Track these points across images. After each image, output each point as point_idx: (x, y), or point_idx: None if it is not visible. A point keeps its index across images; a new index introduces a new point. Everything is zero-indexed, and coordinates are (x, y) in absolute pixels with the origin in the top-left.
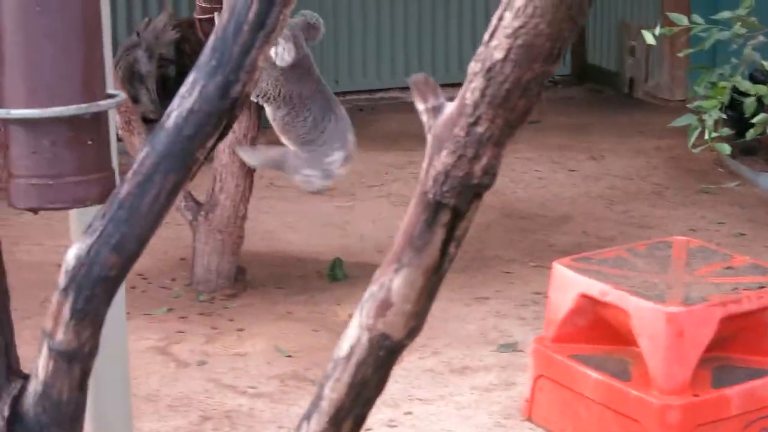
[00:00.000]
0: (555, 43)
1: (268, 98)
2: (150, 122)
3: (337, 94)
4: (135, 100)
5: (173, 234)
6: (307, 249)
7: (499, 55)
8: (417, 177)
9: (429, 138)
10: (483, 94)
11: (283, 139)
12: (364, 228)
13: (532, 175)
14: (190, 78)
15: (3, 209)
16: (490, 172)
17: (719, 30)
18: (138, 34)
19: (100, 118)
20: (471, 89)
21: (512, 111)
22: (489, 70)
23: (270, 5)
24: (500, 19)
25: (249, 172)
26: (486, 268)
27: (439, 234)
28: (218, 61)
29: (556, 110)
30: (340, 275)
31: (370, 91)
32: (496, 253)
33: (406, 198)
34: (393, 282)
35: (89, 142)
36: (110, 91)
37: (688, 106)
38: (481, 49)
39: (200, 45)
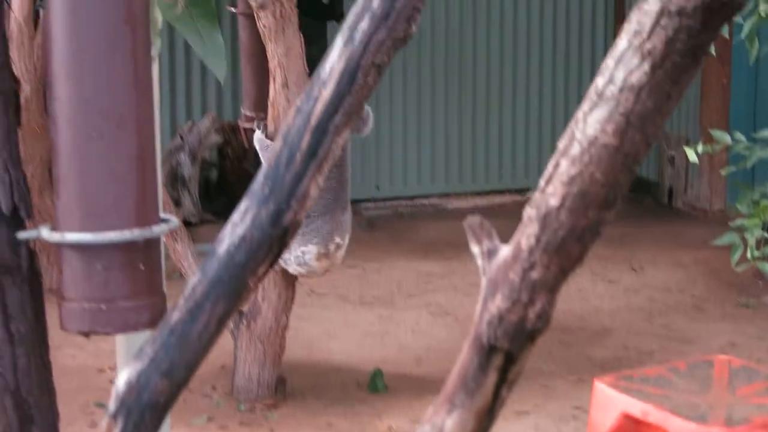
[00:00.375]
0: (610, 190)
1: None
2: (191, 226)
3: (377, 200)
4: (177, 203)
5: None
6: (347, 359)
7: (554, 202)
8: (456, 287)
9: (483, 281)
10: (538, 240)
11: None
12: (404, 338)
13: (572, 287)
14: (242, 206)
15: (51, 313)
16: (544, 317)
17: (761, 148)
18: (181, 138)
19: (153, 242)
20: (526, 235)
21: (567, 257)
22: (544, 216)
23: (323, 134)
24: (556, 166)
25: (291, 282)
26: (525, 381)
27: (492, 377)
28: (271, 189)
29: None
30: (380, 387)
31: (411, 198)
32: (536, 366)
33: (445, 308)
34: (445, 423)
35: (141, 267)
36: (163, 215)
37: (729, 224)
38: (536, 195)
39: (243, 150)
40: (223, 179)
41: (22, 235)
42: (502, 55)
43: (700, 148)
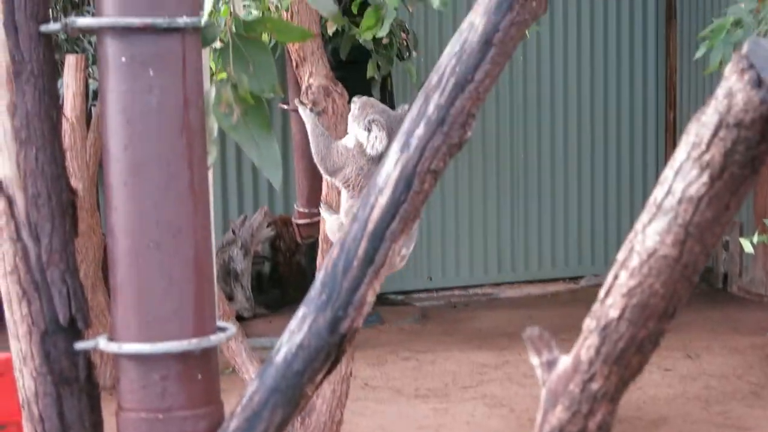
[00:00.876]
0: (670, 301)
1: (348, 185)
2: (244, 320)
3: (430, 290)
4: (230, 297)
5: None
6: None
7: (614, 313)
8: (511, 377)
9: (543, 392)
10: (598, 352)
11: (344, 221)
12: (459, 431)
13: None
14: (300, 312)
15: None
16: (605, 428)
17: None
18: (234, 232)
19: (210, 351)
20: (586, 346)
21: (627, 367)
22: (604, 328)
23: (379, 241)
24: (615, 277)
25: (346, 377)
26: None
27: None
28: (328, 296)
29: None
30: None
31: (464, 287)
32: None
33: (500, 399)
34: None
35: (199, 377)
36: (220, 323)
37: None
38: (596, 307)
39: (295, 243)
40: (275, 272)
41: (79, 345)
42: (553, 145)
43: (755, 238)
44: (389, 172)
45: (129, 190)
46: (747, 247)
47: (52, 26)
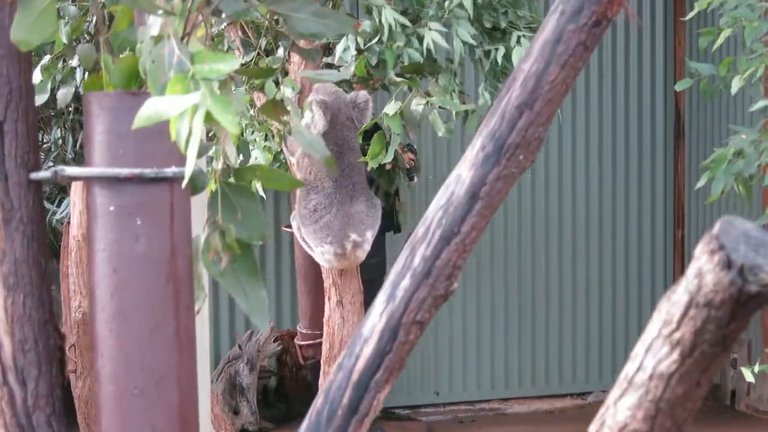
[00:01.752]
0: None
1: (299, 167)
2: None
3: (437, 405)
4: (235, 411)
5: None
6: None
7: None
8: None
9: None
10: None
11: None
12: None
13: None
14: None
15: None
16: None
17: None
18: (240, 347)
19: None
20: None
21: None
22: None
23: (364, 391)
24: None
25: None
26: None
27: None
28: None
29: None
30: None
31: (471, 402)
32: None
33: None
34: None
35: None
36: None
37: None
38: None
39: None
40: (281, 386)
41: None
42: (561, 262)
43: (756, 367)
44: (375, 322)
45: (114, 336)
46: (748, 376)
47: (42, 174)
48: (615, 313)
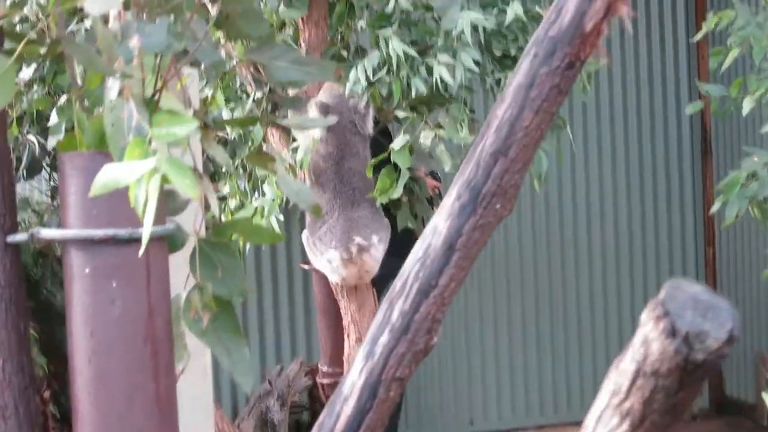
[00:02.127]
0: None
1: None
2: None
3: None
4: None
5: None
6: None
7: None
8: None
9: None
10: None
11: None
12: None
13: None
14: None
15: None
16: None
17: None
18: (270, 383)
19: None
20: None
21: None
22: None
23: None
24: None
25: None
26: None
27: None
28: None
29: None
30: None
31: (506, 431)
32: None
33: None
34: None
35: None
36: None
37: None
38: None
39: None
40: (314, 420)
41: None
42: (591, 284)
43: None
44: (354, 379)
45: (92, 401)
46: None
47: (19, 236)
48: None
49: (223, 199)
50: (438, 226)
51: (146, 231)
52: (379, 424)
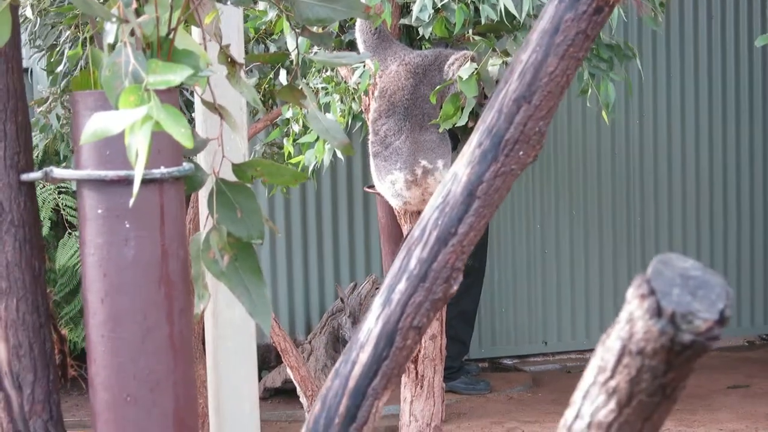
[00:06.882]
0: None
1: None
2: None
3: (546, 354)
4: None
5: None
6: None
7: None
8: None
9: None
10: None
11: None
12: None
13: None
14: None
15: None
16: None
17: None
18: (342, 301)
19: None
20: None
21: None
22: None
23: (361, 398)
24: None
25: None
26: None
27: None
28: None
29: (766, 374)
30: None
31: (580, 351)
32: None
33: None
34: None
35: None
36: None
37: None
38: None
39: None
40: None
41: None
42: (671, 207)
43: None
44: (370, 327)
45: (106, 342)
46: None
47: (33, 175)
48: (726, 262)
49: (287, 122)
50: (458, 173)
51: (137, 180)
52: (396, 372)
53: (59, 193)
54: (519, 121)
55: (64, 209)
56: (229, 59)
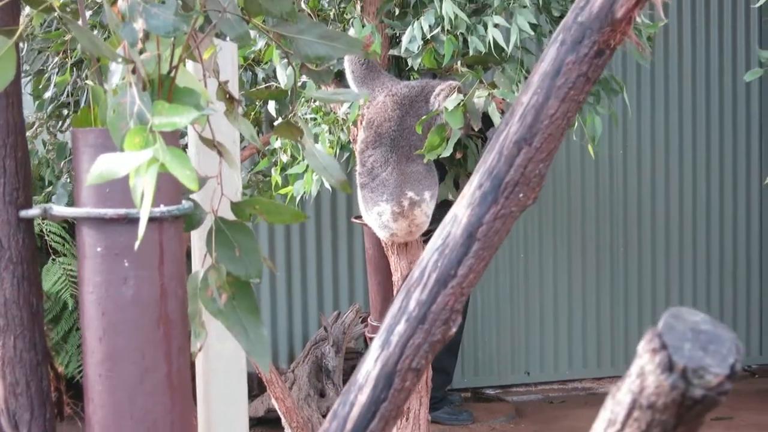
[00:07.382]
0: None
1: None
2: None
3: (528, 384)
4: (321, 394)
5: None
6: None
7: None
8: None
9: None
10: None
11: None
12: None
13: None
14: None
15: None
16: None
17: None
18: (326, 329)
19: None
20: None
21: None
22: None
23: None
24: None
25: None
26: None
27: None
28: None
29: (750, 405)
30: None
31: (562, 382)
32: None
33: None
34: None
35: None
36: None
37: None
38: None
39: None
40: None
41: None
42: (654, 237)
43: None
44: (369, 368)
45: (103, 382)
46: None
47: (32, 212)
48: (710, 286)
49: (274, 152)
50: (458, 215)
51: (143, 221)
52: (394, 414)
53: (42, 219)
54: (519, 164)
55: (48, 235)
56: (228, 95)
